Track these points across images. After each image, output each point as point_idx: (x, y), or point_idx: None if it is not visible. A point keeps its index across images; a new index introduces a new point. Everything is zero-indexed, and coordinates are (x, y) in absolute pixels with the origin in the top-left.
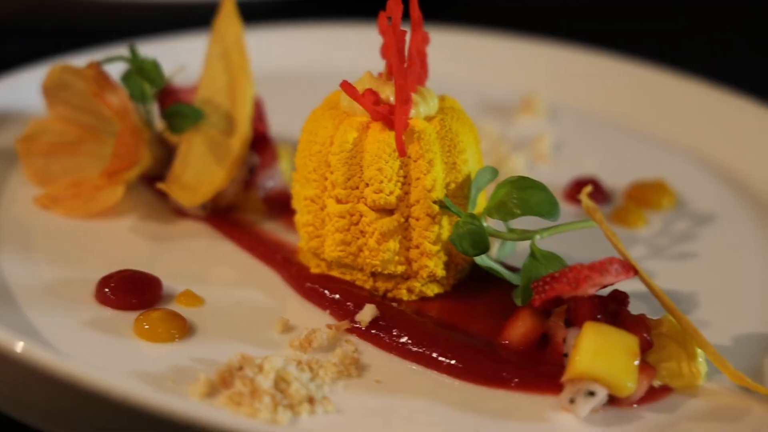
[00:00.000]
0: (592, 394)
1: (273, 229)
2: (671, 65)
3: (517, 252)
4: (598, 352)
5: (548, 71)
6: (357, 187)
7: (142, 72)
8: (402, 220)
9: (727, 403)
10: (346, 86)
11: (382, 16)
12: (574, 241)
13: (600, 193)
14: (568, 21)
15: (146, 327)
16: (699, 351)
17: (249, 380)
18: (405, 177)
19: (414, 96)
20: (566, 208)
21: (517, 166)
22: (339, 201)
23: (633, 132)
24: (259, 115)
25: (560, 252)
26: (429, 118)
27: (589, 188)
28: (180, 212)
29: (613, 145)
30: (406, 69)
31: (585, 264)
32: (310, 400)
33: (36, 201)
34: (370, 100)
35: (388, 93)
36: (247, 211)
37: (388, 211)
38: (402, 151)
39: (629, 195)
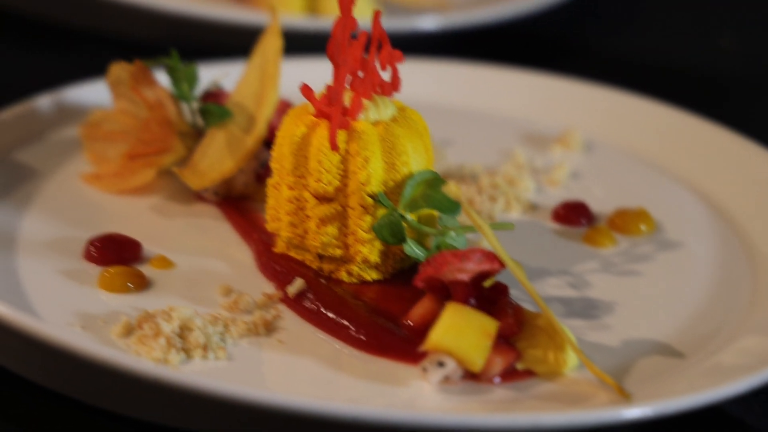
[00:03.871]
0: (441, 364)
1: None
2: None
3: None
4: (450, 328)
5: (589, 109)
6: (303, 176)
7: (174, 73)
8: (340, 208)
9: (577, 390)
10: (305, 89)
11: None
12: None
13: (585, 216)
14: (614, 67)
15: (107, 276)
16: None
17: (156, 324)
18: (344, 170)
19: (367, 102)
20: (551, 225)
21: (527, 186)
22: (290, 187)
23: (655, 170)
24: None
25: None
26: (377, 123)
27: (454, 183)
28: (199, 197)
29: (627, 179)
30: (361, 78)
31: (451, 251)
32: (204, 347)
33: (82, 177)
34: (322, 101)
35: (347, 98)
36: (258, 201)
37: (328, 199)
38: (333, 145)
39: (610, 220)
